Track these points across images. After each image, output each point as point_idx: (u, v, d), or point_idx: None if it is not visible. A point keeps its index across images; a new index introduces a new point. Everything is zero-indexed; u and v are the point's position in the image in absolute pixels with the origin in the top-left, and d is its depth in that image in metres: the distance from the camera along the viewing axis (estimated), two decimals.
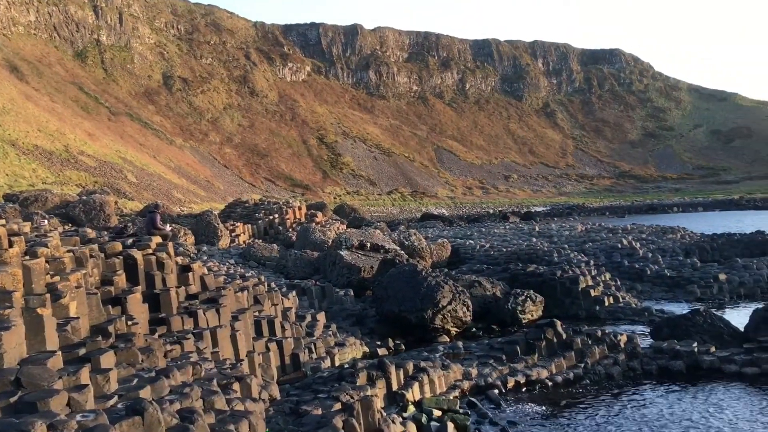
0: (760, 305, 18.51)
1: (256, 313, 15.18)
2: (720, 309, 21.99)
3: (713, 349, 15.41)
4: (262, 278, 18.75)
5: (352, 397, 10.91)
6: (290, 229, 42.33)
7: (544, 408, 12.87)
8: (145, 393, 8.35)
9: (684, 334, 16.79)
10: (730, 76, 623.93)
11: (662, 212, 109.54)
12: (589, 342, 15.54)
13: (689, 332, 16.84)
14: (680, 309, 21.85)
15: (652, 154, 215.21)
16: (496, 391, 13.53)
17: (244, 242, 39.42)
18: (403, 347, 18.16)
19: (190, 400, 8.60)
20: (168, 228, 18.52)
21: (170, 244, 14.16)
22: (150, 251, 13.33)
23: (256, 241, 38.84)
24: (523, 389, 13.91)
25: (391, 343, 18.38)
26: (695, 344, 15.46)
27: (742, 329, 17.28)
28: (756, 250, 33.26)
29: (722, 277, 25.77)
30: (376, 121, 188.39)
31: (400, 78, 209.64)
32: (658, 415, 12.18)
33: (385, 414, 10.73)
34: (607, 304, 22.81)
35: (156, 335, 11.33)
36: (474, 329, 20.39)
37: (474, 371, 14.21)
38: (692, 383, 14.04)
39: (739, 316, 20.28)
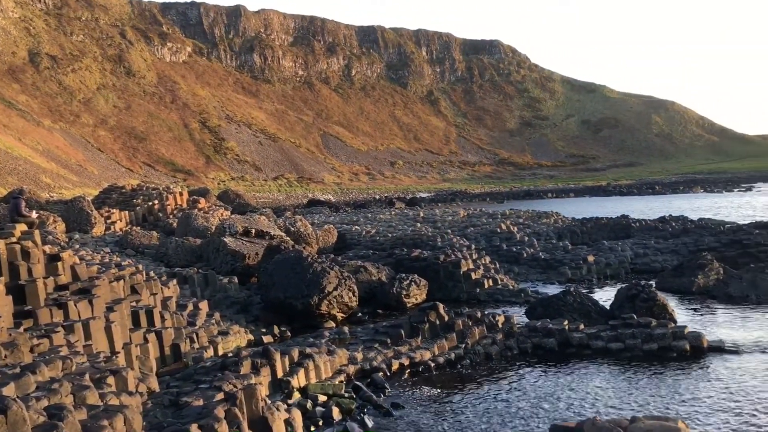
0: (624, 285, 19.85)
1: (134, 303, 14.54)
2: (589, 289, 23.39)
3: (582, 326, 16.36)
4: (140, 267, 17.97)
5: (235, 386, 10.70)
6: (171, 216, 40.80)
7: (427, 389, 13.19)
8: (9, 390, 7.79)
9: (556, 313, 17.74)
10: (598, 69, 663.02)
11: (538, 198, 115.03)
12: (470, 323, 16.07)
13: (561, 311, 17.82)
14: (553, 289, 23.05)
15: (528, 142, 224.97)
16: (381, 374, 13.72)
17: (121, 230, 37.60)
18: (289, 334, 18.04)
19: (59, 396, 8.12)
20: (34, 215, 17.36)
21: (36, 232, 13.27)
22: (14, 240, 12.43)
23: (134, 228, 37.16)
24: (407, 371, 14.19)
25: (276, 330, 18.21)
26: (566, 322, 16.36)
27: (608, 307, 18.52)
28: (620, 233, 35.70)
29: (590, 258, 27.38)
30: (261, 106, 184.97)
31: (285, 62, 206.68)
32: (532, 389, 12.82)
33: (269, 402, 10.61)
34: (486, 286, 23.66)
35: (21, 329, 10.60)
36: (360, 314, 20.56)
37: (359, 355, 14.34)
38: (563, 359, 14.87)
39: (605, 295, 21.70)
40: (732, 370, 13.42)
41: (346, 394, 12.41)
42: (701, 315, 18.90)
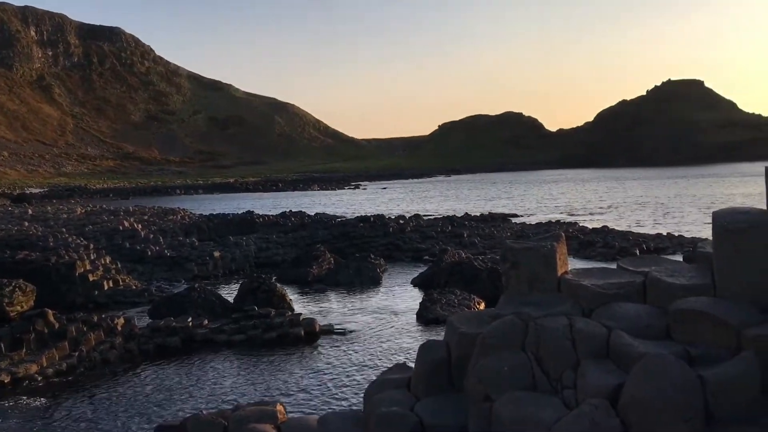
0: (247, 278, 20.59)
1: None
2: (215, 284, 23.66)
3: (206, 321, 16.48)
4: None
5: None
6: None
7: (32, 405, 11.88)
8: None
9: (181, 310, 17.52)
10: (224, 67, 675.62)
11: (166, 194, 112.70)
12: (84, 329, 14.92)
13: (186, 308, 17.65)
14: (180, 287, 22.76)
15: (155, 137, 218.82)
16: None
17: None
18: None
19: None
20: None
21: None
22: None
23: None
24: (9, 389, 12.55)
25: None
26: (190, 319, 16.28)
27: (232, 301, 18.97)
28: (246, 229, 37.03)
29: (217, 254, 27.75)
30: None
31: None
32: (147, 391, 12.46)
33: None
34: (107, 288, 22.31)
35: None
36: None
37: None
38: (186, 357, 14.78)
39: (230, 289, 22.21)
40: (337, 349, 14.91)
41: None
42: (315, 302, 20.60)
